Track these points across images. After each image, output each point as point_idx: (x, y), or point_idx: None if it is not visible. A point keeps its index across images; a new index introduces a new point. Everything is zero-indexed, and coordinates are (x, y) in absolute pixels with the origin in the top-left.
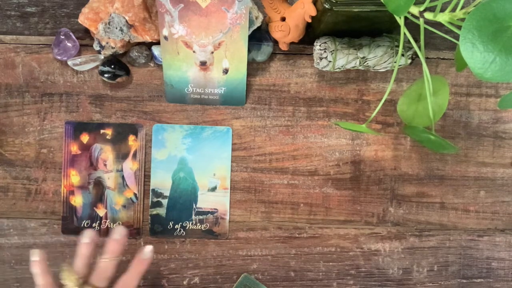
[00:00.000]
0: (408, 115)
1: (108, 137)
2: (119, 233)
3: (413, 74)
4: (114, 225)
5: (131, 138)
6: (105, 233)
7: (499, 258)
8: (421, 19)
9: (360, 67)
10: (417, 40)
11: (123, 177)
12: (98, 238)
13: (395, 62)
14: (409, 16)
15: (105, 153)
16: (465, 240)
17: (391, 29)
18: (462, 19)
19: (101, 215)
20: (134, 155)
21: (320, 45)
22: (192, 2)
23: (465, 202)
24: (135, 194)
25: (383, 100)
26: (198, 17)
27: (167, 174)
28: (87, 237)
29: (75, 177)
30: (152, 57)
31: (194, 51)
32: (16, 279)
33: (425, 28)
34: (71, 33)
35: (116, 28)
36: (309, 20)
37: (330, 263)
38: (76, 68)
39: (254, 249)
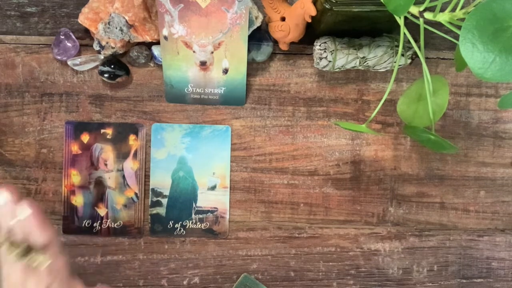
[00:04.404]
0: (408, 115)
1: (108, 136)
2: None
3: (413, 74)
4: (115, 224)
5: (132, 137)
6: (106, 233)
7: (499, 258)
8: (421, 19)
9: (360, 67)
10: (417, 40)
11: (123, 176)
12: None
13: (395, 62)
14: (409, 16)
15: (106, 152)
16: (465, 240)
17: (391, 29)
18: (462, 19)
19: (102, 215)
20: (135, 154)
21: (320, 45)
22: (192, 2)
23: (465, 202)
24: (136, 194)
25: (383, 100)
26: (198, 17)
27: (167, 173)
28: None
29: (76, 177)
30: (152, 57)
31: (194, 51)
32: None
33: (425, 28)
34: (71, 33)
35: (116, 28)
36: (309, 20)
37: (330, 263)
38: (76, 68)
39: (254, 249)
